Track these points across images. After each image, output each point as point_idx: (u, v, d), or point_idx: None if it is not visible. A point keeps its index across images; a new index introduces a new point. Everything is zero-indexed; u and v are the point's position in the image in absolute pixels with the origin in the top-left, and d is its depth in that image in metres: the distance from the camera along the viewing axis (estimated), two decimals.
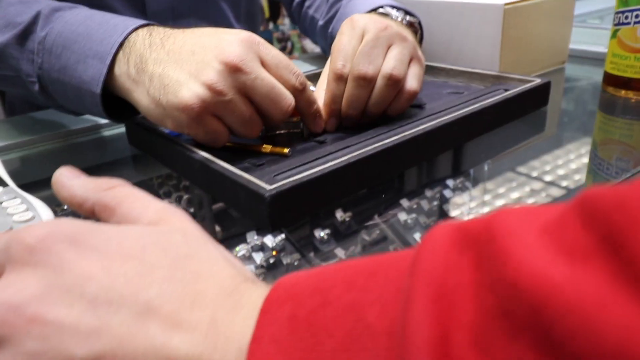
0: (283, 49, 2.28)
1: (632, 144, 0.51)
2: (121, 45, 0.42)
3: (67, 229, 0.20)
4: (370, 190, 0.41)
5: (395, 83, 0.43)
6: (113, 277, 0.19)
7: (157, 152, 0.47)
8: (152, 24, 0.43)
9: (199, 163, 0.39)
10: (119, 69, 0.42)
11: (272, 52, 0.40)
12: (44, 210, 0.34)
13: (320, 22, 0.70)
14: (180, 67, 0.38)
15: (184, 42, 0.40)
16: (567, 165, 0.47)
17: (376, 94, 0.43)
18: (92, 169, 0.51)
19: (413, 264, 0.15)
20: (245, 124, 0.39)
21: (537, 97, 0.55)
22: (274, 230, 0.35)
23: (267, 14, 2.16)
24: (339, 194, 0.38)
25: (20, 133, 0.55)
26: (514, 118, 0.52)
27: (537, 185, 0.44)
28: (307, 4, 0.75)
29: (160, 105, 0.39)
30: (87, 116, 0.58)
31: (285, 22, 2.25)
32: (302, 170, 0.37)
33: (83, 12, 0.47)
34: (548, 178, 0.45)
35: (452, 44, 0.69)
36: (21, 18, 0.46)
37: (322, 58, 0.76)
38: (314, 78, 0.63)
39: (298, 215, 0.36)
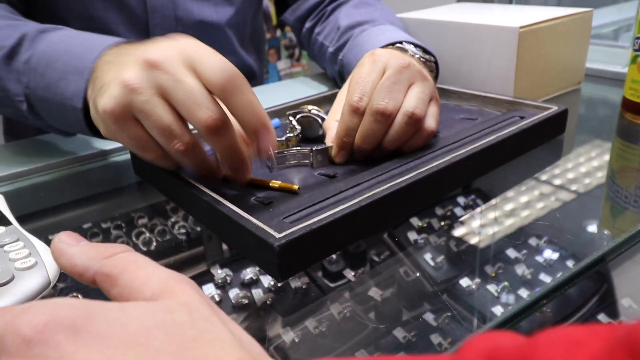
0: (291, 56, 2.27)
1: None
2: (99, 58, 0.42)
3: (66, 315, 0.18)
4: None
5: (415, 122, 0.42)
6: None
7: (162, 185, 0.46)
8: (130, 41, 0.43)
9: (205, 203, 0.38)
10: None
11: (209, 59, 0.34)
12: (47, 256, 0.33)
13: (330, 49, 0.69)
14: (114, 71, 0.38)
15: (132, 51, 0.39)
16: (584, 196, 0.45)
17: (395, 130, 0.42)
18: (98, 197, 0.50)
19: None
20: (164, 132, 0.35)
21: (554, 125, 0.53)
22: (282, 280, 0.34)
23: (274, 21, 2.15)
24: (352, 238, 0.37)
25: (22, 161, 0.54)
26: (530, 148, 0.50)
27: (554, 212, 0.42)
28: (316, 30, 0.74)
29: (99, 113, 0.38)
30: (94, 143, 0.57)
31: None
32: (312, 212, 0.35)
33: (67, 32, 0.48)
34: (565, 197, 0.44)
35: (465, 66, 0.67)
36: (8, 40, 0.48)
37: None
38: (324, 101, 0.61)
39: (308, 263, 0.34)
